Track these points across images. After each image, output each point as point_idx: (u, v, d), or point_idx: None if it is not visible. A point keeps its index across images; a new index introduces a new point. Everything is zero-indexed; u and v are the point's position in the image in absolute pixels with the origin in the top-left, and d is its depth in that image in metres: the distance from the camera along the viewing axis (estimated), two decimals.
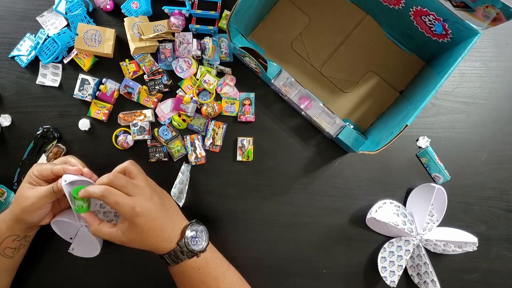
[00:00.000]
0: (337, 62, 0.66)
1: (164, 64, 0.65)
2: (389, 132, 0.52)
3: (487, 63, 0.68)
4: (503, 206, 0.66)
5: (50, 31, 0.65)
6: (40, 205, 0.53)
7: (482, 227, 0.66)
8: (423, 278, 0.63)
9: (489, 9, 0.46)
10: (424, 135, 0.66)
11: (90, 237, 0.59)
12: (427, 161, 0.65)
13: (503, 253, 0.66)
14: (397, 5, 0.57)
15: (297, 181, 0.66)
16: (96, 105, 0.64)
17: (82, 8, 0.64)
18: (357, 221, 0.66)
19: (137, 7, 0.64)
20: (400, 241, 0.63)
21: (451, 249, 0.62)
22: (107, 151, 0.65)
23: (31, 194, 0.52)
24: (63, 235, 0.60)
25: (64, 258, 0.63)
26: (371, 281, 0.65)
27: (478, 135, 0.67)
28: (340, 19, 0.66)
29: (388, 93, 0.65)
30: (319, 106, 0.58)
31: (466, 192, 0.66)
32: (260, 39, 0.66)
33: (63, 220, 0.57)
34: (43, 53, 0.64)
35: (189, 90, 0.65)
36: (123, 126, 0.65)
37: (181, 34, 0.64)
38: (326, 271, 0.65)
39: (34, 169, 0.54)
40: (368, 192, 0.66)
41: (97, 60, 0.65)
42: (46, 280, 0.64)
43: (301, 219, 0.65)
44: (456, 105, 0.67)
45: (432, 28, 0.56)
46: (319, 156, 0.66)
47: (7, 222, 0.55)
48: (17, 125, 0.65)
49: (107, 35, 0.63)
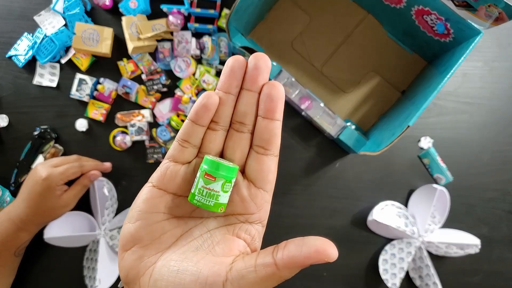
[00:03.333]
0: (338, 62, 0.65)
1: (163, 63, 0.64)
2: (391, 133, 0.51)
3: (489, 63, 0.67)
4: (505, 208, 0.66)
5: (47, 30, 0.64)
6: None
7: (485, 228, 0.65)
8: (424, 281, 0.62)
9: (491, 8, 0.45)
10: (426, 136, 0.65)
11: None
12: (429, 162, 0.65)
13: (505, 255, 0.65)
14: (399, 4, 0.57)
15: (298, 182, 0.65)
16: (94, 105, 0.64)
17: (80, 7, 0.63)
18: (358, 223, 0.65)
19: (135, 6, 0.63)
20: (401, 243, 0.63)
21: (453, 251, 0.61)
22: (104, 151, 0.64)
23: (67, 200, 0.58)
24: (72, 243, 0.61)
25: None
26: (372, 284, 0.64)
27: (480, 136, 0.66)
28: (341, 18, 0.65)
29: (390, 93, 0.65)
30: (320, 107, 0.58)
31: (468, 194, 0.66)
32: (260, 38, 0.65)
33: (73, 235, 0.58)
34: (40, 53, 0.63)
35: (188, 90, 0.64)
36: (121, 126, 0.64)
37: (179, 33, 0.63)
38: (326, 273, 0.64)
39: (57, 179, 0.56)
40: (369, 194, 0.65)
41: (95, 59, 0.65)
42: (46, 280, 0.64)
43: (301, 220, 0.65)
44: (458, 105, 0.66)
45: (434, 27, 0.55)
46: (319, 157, 0.65)
47: (29, 231, 0.57)
48: (14, 126, 0.65)
49: (105, 34, 0.62)
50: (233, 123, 0.26)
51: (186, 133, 0.25)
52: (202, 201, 0.24)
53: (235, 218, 0.25)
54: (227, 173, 0.24)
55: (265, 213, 0.25)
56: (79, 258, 0.62)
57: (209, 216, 0.26)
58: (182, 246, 0.24)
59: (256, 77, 0.24)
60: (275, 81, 0.24)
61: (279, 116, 0.25)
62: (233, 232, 0.24)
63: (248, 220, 0.25)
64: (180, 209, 0.25)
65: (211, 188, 0.24)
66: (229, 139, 0.26)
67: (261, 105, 0.24)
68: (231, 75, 0.24)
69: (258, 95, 0.25)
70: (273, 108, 0.24)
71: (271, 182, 0.26)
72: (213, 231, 0.25)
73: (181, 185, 0.25)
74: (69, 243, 0.61)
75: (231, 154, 0.26)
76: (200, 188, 0.24)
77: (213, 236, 0.24)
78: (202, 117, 0.24)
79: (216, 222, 0.25)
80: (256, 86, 0.24)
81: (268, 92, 0.24)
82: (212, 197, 0.24)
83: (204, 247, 0.24)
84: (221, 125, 0.25)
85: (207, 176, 0.24)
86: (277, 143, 0.26)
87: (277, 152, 0.26)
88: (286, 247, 0.21)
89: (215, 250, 0.23)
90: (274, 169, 0.26)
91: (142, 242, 0.24)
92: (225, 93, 0.25)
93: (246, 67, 0.24)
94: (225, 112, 0.25)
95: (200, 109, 0.24)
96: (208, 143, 0.25)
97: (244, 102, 0.25)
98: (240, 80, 0.25)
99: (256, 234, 0.25)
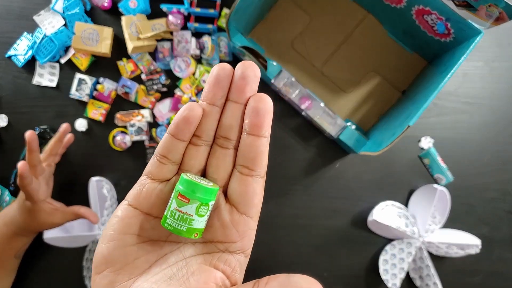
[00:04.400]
0: (338, 62, 0.65)
1: (162, 63, 0.64)
2: (391, 132, 0.51)
3: (490, 63, 0.67)
4: (506, 208, 0.66)
5: (47, 30, 0.64)
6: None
7: (485, 228, 0.65)
8: (425, 281, 0.62)
9: (492, 8, 0.45)
10: (427, 136, 0.65)
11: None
12: (430, 162, 0.65)
13: (506, 255, 0.65)
14: (399, 4, 0.57)
15: (298, 182, 0.65)
16: (93, 105, 0.63)
17: (79, 7, 0.63)
18: (358, 223, 0.65)
19: (135, 6, 0.63)
20: (402, 243, 0.62)
21: (453, 252, 0.61)
22: (104, 151, 0.64)
23: (57, 220, 0.56)
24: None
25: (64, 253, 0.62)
26: (372, 284, 0.64)
27: (481, 136, 0.66)
28: (341, 18, 0.65)
29: (390, 93, 0.65)
30: (320, 107, 0.57)
31: (469, 194, 0.65)
32: (260, 38, 0.65)
33: (74, 235, 0.58)
34: (40, 53, 0.63)
35: (187, 90, 0.64)
36: (120, 126, 0.64)
37: (179, 33, 0.63)
38: (327, 274, 0.64)
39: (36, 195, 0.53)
40: (369, 194, 0.65)
41: (94, 59, 0.64)
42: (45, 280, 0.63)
43: (301, 221, 0.65)
44: (458, 105, 0.66)
45: (434, 27, 0.55)
46: (320, 157, 0.65)
47: (27, 236, 0.57)
48: (13, 126, 0.64)
49: (104, 34, 0.62)
50: (217, 138, 0.23)
51: (165, 147, 0.22)
52: (173, 225, 0.21)
53: (214, 246, 0.22)
54: (204, 195, 0.21)
55: (248, 241, 0.23)
56: (79, 258, 0.62)
57: (186, 241, 0.23)
58: (156, 274, 0.21)
59: (243, 88, 0.22)
60: (262, 93, 0.22)
61: (266, 133, 0.22)
62: (211, 263, 0.22)
63: (228, 249, 0.22)
64: (155, 232, 0.23)
65: (184, 211, 0.21)
66: (212, 156, 0.23)
67: (246, 120, 0.22)
68: (216, 85, 0.22)
69: (245, 107, 0.22)
70: (260, 124, 0.21)
71: (256, 206, 0.23)
72: (189, 259, 0.22)
73: (156, 205, 0.22)
74: (68, 243, 0.60)
75: (213, 173, 0.23)
76: (173, 210, 0.21)
77: (189, 265, 0.22)
78: (183, 131, 0.22)
79: (193, 249, 0.23)
80: (242, 97, 0.22)
81: (255, 106, 0.21)
82: (185, 221, 0.21)
83: (178, 276, 0.21)
84: (204, 140, 0.23)
85: (181, 198, 0.21)
86: (263, 163, 0.22)
87: (263, 173, 0.23)
88: (268, 284, 0.19)
89: (189, 281, 0.21)
90: (259, 191, 0.23)
91: (114, 265, 0.22)
92: (209, 104, 0.22)
93: (233, 76, 0.22)
94: (209, 125, 0.23)
95: (181, 122, 0.22)
96: (189, 160, 0.23)
97: (229, 114, 0.22)
98: (225, 91, 0.22)
99: (237, 265, 0.22)
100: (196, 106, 0.22)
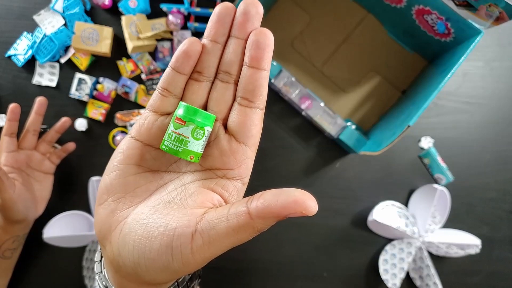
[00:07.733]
0: (338, 62, 0.65)
1: (162, 63, 0.64)
2: (391, 132, 0.51)
3: (490, 62, 0.67)
4: (506, 208, 0.66)
5: (47, 30, 0.64)
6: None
7: (485, 228, 0.65)
8: (425, 281, 0.62)
9: (492, 8, 0.45)
10: (427, 136, 0.65)
11: None
12: (430, 162, 0.64)
13: (506, 255, 0.65)
14: (399, 4, 0.57)
15: (298, 182, 0.65)
16: (93, 105, 0.63)
17: (79, 7, 0.63)
18: (358, 223, 0.65)
19: (135, 5, 0.63)
20: (402, 243, 0.62)
21: (453, 252, 0.61)
22: (104, 151, 0.64)
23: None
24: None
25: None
26: (372, 284, 0.64)
27: (481, 136, 0.66)
28: (341, 17, 0.65)
29: (390, 92, 0.65)
30: (320, 106, 0.57)
31: (469, 193, 0.65)
32: None
33: (74, 235, 0.58)
34: (40, 52, 0.63)
35: None
36: (120, 126, 0.64)
37: (179, 32, 0.63)
38: (327, 273, 0.64)
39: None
40: (369, 194, 0.65)
41: (94, 59, 0.64)
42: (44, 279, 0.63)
43: (301, 220, 0.64)
44: (458, 105, 0.66)
45: (435, 27, 0.55)
46: (320, 157, 0.65)
47: (6, 229, 0.54)
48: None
49: (104, 34, 0.62)
50: (218, 73, 0.24)
51: (166, 81, 0.23)
52: (170, 146, 0.22)
53: (212, 172, 0.23)
54: (199, 118, 0.22)
55: (246, 169, 0.24)
56: (79, 258, 0.62)
57: (186, 171, 0.24)
58: (155, 200, 0.23)
59: (245, 23, 0.22)
60: (264, 28, 0.22)
61: (266, 66, 0.22)
62: (209, 186, 0.23)
63: (226, 175, 0.23)
64: (156, 162, 0.24)
65: (180, 132, 0.22)
66: (213, 90, 0.24)
67: (247, 53, 0.22)
68: (218, 22, 0.23)
69: (245, 43, 0.22)
70: (260, 56, 0.22)
71: (254, 136, 0.23)
72: (188, 185, 0.23)
73: (157, 136, 0.23)
74: (68, 243, 0.60)
75: (214, 106, 0.24)
76: (170, 133, 0.22)
77: (187, 189, 0.23)
78: (182, 65, 0.23)
79: (192, 176, 0.24)
80: (244, 33, 0.22)
81: (255, 39, 0.22)
82: (181, 143, 0.22)
83: (176, 200, 0.22)
84: (205, 76, 0.23)
85: (177, 120, 0.22)
86: (262, 95, 0.23)
87: (262, 105, 0.23)
88: (262, 196, 0.20)
89: (187, 202, 0.22)
90: (258, 122, 0.23)
91: (116, 194, 0.23)
92: (211, 41, 0.23)
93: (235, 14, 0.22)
94: (210, 62, 0.23)
95: (181, 56, 0.23)
96: (190, 95, 0.24)
97: (231, 50, 0.23)
98: (227, 28, 0.23)
99: (234, 190, 0.23)
100: (195, 41, 0.23)
